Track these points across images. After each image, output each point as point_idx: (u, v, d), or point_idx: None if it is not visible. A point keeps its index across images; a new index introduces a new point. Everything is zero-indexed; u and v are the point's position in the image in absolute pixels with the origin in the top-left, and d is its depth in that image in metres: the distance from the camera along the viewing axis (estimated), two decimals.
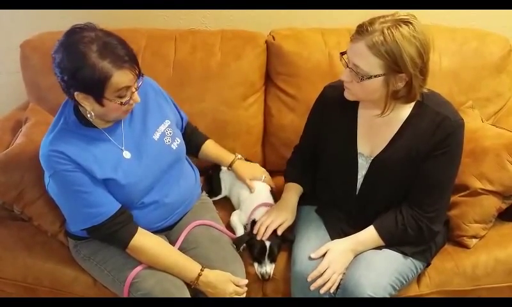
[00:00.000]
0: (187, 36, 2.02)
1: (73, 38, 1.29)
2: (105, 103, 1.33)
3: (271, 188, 1.84)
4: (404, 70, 1.31)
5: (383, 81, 1.34)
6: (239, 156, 1.85)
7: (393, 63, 1.30)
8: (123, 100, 1.34)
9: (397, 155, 1.47)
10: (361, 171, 1.55)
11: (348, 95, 1.45)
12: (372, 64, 1.32)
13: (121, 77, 1.30)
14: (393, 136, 1.48)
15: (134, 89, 1.36)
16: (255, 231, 1.62)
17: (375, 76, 1.33)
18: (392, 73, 1.32)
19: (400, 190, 1.52)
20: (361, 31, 1.32)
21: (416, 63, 1.31)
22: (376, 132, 1.50)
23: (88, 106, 1.35)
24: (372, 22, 1.31)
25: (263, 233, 1.59)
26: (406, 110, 1.46)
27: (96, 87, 1.29)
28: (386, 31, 1.28)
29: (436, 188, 1.48)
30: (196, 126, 1.84)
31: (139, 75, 1.36)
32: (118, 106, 1.35)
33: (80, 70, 1.27)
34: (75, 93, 1.32)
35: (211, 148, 1.83)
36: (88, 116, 1.38)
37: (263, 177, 1.83)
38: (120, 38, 1.34)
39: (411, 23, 1.30)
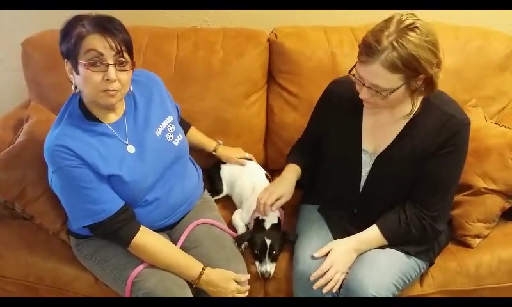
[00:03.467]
0: (189, 34, 2.01)
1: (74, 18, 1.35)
2: (79, 70, 1.33)
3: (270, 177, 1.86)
4: (423, 73, 1.30)
5: (405, 88, 1.33)
6: (220, 142, 1.92)
7: (413, 71, 1.29)
8: (94, 69, 1.32)
9: (401, 153, 1.46)
10: (365, 168, 1.54)
11: (371, 108, 1.44)
12: (392, 80, 1.30)
13: (93, 40, 1.31)
14: (399, 134, 1.47)
15: (109, 62, 1.33)
16: (257, 211, 1.64)
17: (397, 88, 1.32)
18: (412, 78, 1.31)
19: (404, 188, 1.51)
20: (371, 52, 1.27)
21: (433, 63, 1.30)
22: (381, 129, 1.50)
23: (73, 79, 1.38)
24: (377, 39, 1.27)
25: (263, 210, 1.61)
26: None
27: (72, 49, 1.32)
28: (396, 45, 1.25)
29: (440, 188, 1.47)
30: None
31: (120, 52, 1.34)
32: (90, 74, 1.32)
33: (67, 34, 1.33)
34: (65, 61, 1.37)
35: (195, 134, 1.88)
36: (72, 88, 1.40)
37: (247, 154, 1.92)
38: (115, 18, 1.38)
39: (416, 27, 1.27)
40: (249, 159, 1.93)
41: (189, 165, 1.71)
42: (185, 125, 1.83)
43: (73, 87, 1.39)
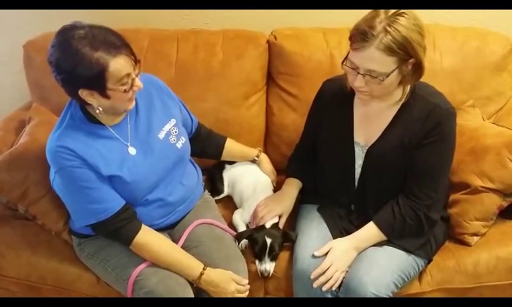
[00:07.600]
0: (189, 36, 2.03)
1: (65, 37, 1.29)
2: (109, 94, 1.34)
3: (274, 187, 1.86)
4: (414, 56, 1.35)
5: (398, 72, 1.37)
6: (260, 149, 1.92)
7: (406, 54, 1.34)
8: (126, 87, 1.34)
9: (390, 144, 1.50)
10: (358, 161, 1.57)
11: (365, 97, 1.46)
12: (387, 63, 1.34)
13: (118, 65, 1.30)
14: (387, 125, 1.51)
15: (134, 76, 1.36)
16: (252, 219, 1.68)
17: (391, 72, 1.36)
18: (403, 62, 1.36)
19: (398, 180, 1.53)
20: (366, 37, 1.32)
21: (422, 46, 1.36)
22: (371, 122, 1.53)
23: (95, 102, 1.36)
24: (371, 25, 1.32)
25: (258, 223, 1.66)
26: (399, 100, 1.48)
27: (97, 80, 1.30)
28: (389, 29, 1.30)
29: (429, 176, 1.50)
30: (211, 129, 1.85)
31: (136, 60, 1.36)
32: (122, 94, 1.35)
33: (77, 67, 1.28)
34: (79, 91, 1.33)
35: (234, 146, 1.87)
36: (97, 111, 1.39)
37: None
38: (107, 27, 1.34)
39: (404, 12, 1.33)
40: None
41: (189, 166, 1.72)
42: (221, 138, 1.84)
43: (99, 110, 1.38)
